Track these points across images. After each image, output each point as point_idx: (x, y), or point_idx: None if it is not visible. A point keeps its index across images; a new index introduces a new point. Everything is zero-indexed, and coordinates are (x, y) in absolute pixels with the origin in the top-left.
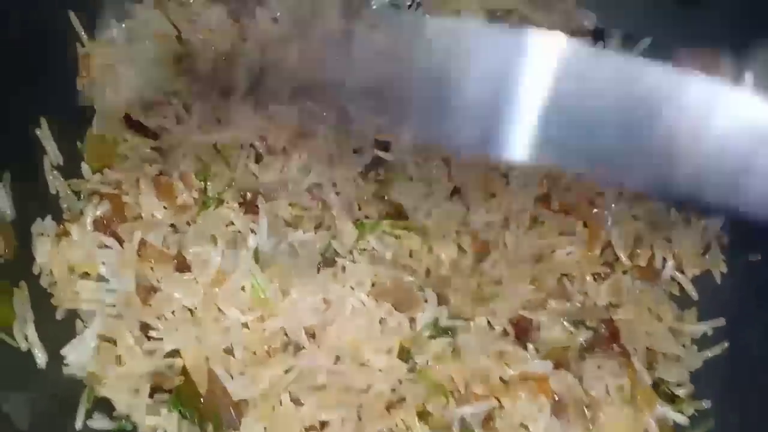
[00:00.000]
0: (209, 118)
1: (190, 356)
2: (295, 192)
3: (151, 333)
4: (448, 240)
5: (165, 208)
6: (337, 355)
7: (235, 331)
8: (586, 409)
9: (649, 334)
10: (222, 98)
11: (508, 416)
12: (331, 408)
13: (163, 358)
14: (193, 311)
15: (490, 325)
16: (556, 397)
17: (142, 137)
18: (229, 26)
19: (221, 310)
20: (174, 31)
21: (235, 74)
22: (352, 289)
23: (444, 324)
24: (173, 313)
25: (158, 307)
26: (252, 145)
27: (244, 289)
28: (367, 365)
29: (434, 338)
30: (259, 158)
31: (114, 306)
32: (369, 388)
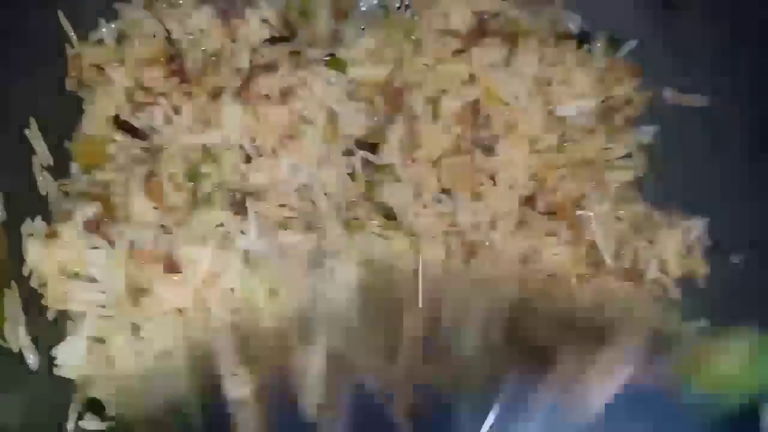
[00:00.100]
0: (198, 118)
1: (181, 357)
2: (284, 193)
3: (142, 334)
4: (437, 241)
5: (155, 208)
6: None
7: (224, 332)
8: None
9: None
10: (211, 99)
11: None
12: None
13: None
14: (182, 311)
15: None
16: None
17: (132, 138)
18: (219, 27)
19: (210, 311)
20: (163, 32)
21: (225, 74)
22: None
23: None
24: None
25: (148, 308)
26: (241, 146)
27: (233, 291)
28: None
29: None
30: (248, 159)
31: (104, 307)
32: None
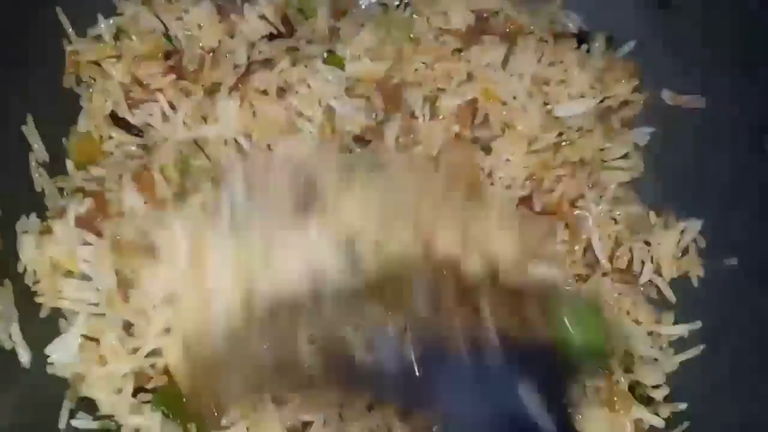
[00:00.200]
0: (195, 115)
1: (173, 355)
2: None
3: (133, 331)
4: None
5: (145, 203)
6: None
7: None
8: None
9: (626, 337)
10: (208, 95)
11: None
12: (313, 408)
13: (145, 357)
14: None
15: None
16: None
17: (128, 134)
18: (217, 23)
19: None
20: (161, 28)
21: (222, 71)
22: None
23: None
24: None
25: (138, 302)
26: (236, 140)
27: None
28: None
29: None
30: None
31: (97, 305)
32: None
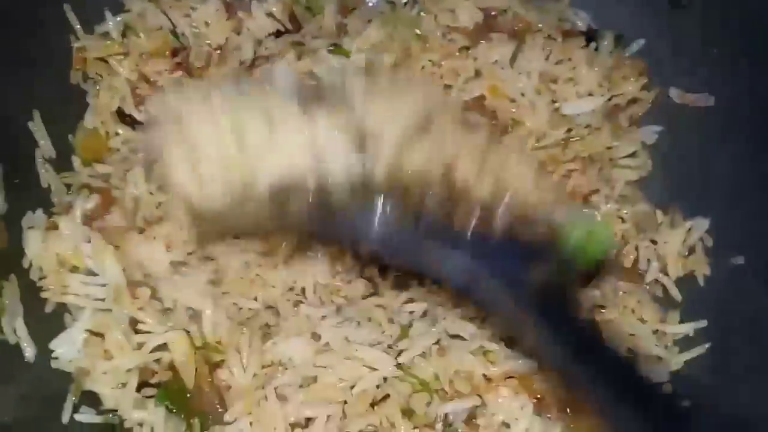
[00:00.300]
0: None
1: (179, 351)
2: None
3: (140, 327)
4: None
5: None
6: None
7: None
8: (568, 409)
9: (631, 335)
10: None
11: (490, 414)
12: (316, 404)
13: (150, 352)
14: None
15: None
16: (539, 396)
17: (134, 131)
18: (224, 20)
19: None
20: (169, 25)
21: (229, 68)
22: None
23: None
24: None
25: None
26: None
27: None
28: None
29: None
30: None
31: (103, 300)
32: (356, 383)
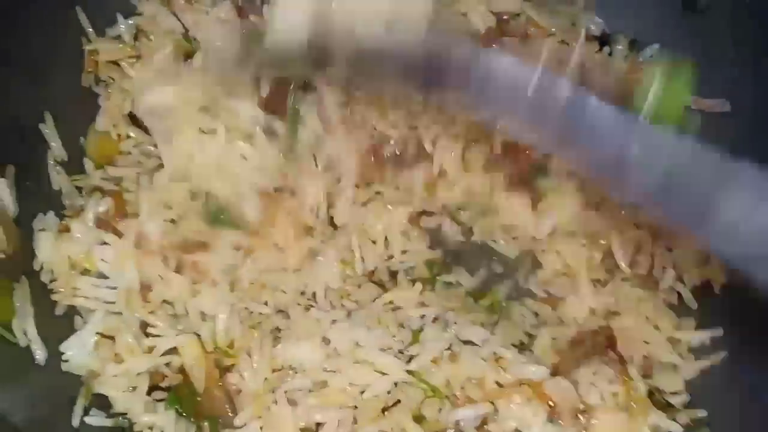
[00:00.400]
0: None
1: (189, 355)
2: None
3: (150, 330)
4: None
5: None
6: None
7: None
8: (580, 416)
9: (646, 343)
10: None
11: (503, 421)
12: (327, 409)
13: (161, 356)
14: None
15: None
16: (552, 403)
17: (146, 134)
18: (237, 24)
19: None
20: (181, 28)
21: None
22: None
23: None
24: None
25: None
26: None
27: None
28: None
29: None
30: None
31: (114, 303)
32: (367, 388)
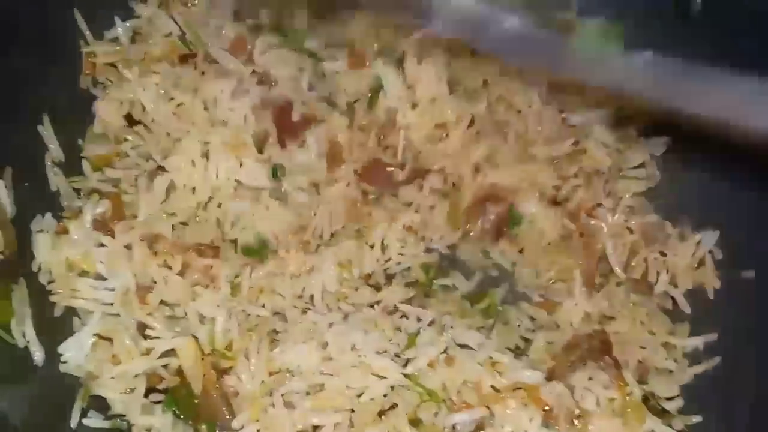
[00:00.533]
0: None
1: (186, 357)
2: None
3: (148, 332)
4: None
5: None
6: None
7: None
8: (576, 420)
9: (641, 348)
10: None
11: (499, 425)
12: (323, 412)
13: (159, 358)
14: None
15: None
16: (547, 407)
17: (143, 137)
18: (234, 26)
19: None
20: (178, 31)
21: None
22: None
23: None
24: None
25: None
26: None
27: None
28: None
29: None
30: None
31: (112, 305)
32: (363, 391)
